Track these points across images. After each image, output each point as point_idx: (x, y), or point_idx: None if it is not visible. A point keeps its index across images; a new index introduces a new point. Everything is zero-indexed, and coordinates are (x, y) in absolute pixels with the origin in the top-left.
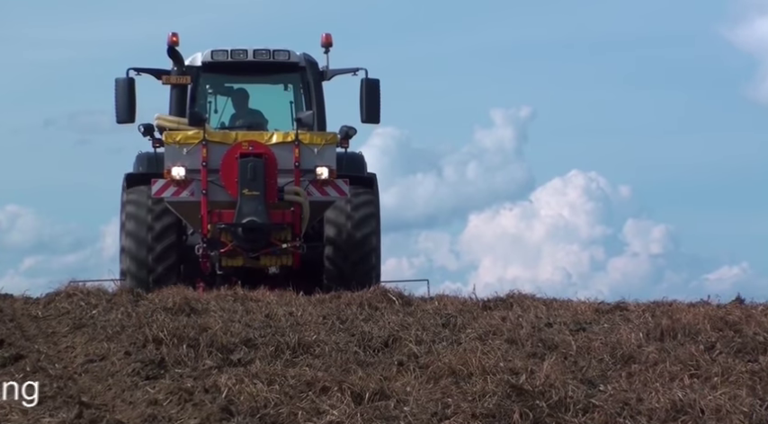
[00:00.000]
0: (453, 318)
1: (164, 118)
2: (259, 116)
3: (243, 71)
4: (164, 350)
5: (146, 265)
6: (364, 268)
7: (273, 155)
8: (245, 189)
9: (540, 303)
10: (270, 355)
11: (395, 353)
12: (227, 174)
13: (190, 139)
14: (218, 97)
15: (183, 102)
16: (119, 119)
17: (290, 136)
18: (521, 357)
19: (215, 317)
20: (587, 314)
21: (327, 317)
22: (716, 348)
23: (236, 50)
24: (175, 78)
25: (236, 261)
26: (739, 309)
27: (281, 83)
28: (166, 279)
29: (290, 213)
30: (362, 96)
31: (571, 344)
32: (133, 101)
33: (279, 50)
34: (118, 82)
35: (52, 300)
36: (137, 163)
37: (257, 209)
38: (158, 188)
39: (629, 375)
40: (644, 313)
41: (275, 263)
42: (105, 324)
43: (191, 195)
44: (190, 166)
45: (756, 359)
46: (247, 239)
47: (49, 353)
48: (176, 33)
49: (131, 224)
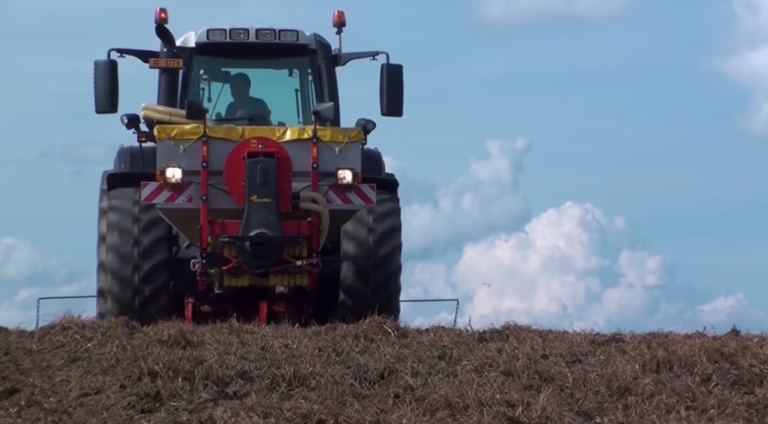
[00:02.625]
0: (449, 350)
1: (152, 108)
2: (262, 106)
3: (243, 54)
4: (159, 383)
5: (131, 285)
6: (388, 288)
7: (287, 155)
8: (254, 196)
9: (535, 334)
10: (266, 387)
11: (391, 385)
12: (233, 177)
13: (187, 135)
14: (214, 83)
15: (173, 89)
16: (98, 109)
17: (306, 132)
18: (517, 390)
19: (210, 350)
20: (583, 346)
21: (323, 349)
22: (712, 381)
23: (235, 30)
24: (165, 61)
25: (240, 281)
26: (735, 341)
27: (288, 68)
28: (154, 303)
29: (307, 224)
30: (383, 85)
31: (567, 376)
32: (115, 87)
33: (286, 30)
34: (98, 64)
35: (47, 333)
36: (118, 159)
37: (268, 220)
38: (149, 192)
39: (626, 408)
40: (640, 344)
41: (287, 283)
42: (100, 357)
43: (188, 201)
44: (187, 167)
45: (753, 391)
46: (256, 255)
47: (44, 387)
48: (165, 9)
49: (113, 235)
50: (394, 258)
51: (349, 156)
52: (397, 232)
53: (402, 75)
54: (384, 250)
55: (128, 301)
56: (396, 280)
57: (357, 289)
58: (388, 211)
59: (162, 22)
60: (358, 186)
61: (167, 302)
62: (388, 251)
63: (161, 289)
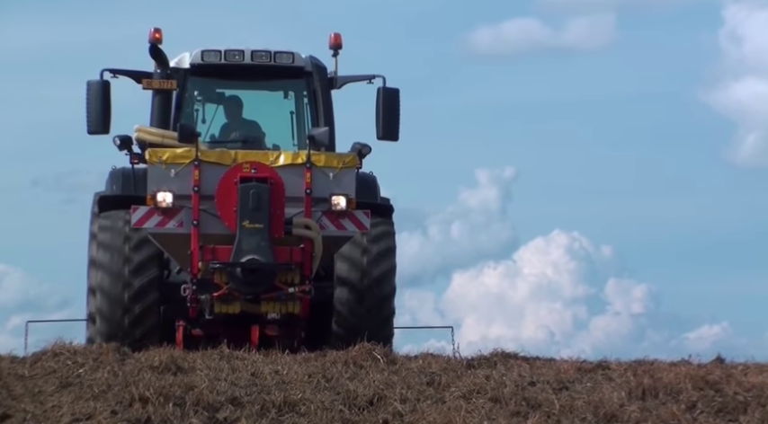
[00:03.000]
0: (438, 376)
1: (145, 130)
2: (255, 128)
3: (238, 75)
4: (150, 409)
5: (121, 304)
6: (382, 314)
7: (281, 180)
8: (246, 221)
9: (523, 361)
10: (256, 413)
11: (380, 412)
12: (224, 202)
13: (179, 158)
14: (208, 105)
15: (166, 111)
16: (90, 130)
17: (300, 157)
18: (504, 416)
19: (201, 376)
20: (570, 373)
21: (313, 375)
22: (697, 408)
23: (230, 51)
24: (158, 82)
25: (231, 308)
26: (720, 368)
27: (283, 90)
28: (144, 322)
29: (300, 250)
30: (379, 108)
31: (554, 403)
32: (108, 108)
33: (281, 52)
34: (90, 85)
35: (39, 359)
36: (110, 181)
37: (260, 246)
38: (139, 216)
39: None
40: (626, 372)
41: (279, 310)
42: (92, 383)
43: (179, 226)
44: (178, 191)
45: (737, 419)
46: (247, 282)
47: (36, 412)
48: (159, 29)
49: (104, 254)
50: (388, 279)
51: (343, 182)
52: (391, 253)
53: (399, 99)
54: (378, 271)
55: (117, 320)
56: (390, 302)
57: (351, 310)
58: (383, 233)
59: (156, 42)
60: (352, 212)
61: (157, 321)
62: (382, 272)
63: (151, 307)
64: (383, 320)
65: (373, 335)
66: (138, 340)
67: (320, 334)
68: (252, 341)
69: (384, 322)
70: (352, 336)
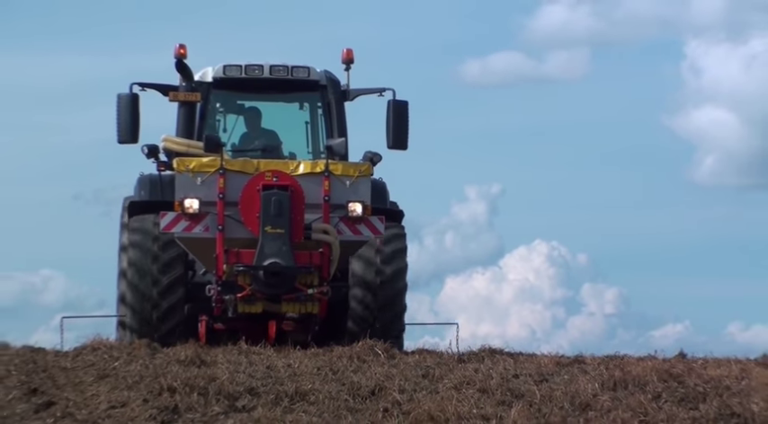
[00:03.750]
0: (432, 370)
1: (171, 139)
2: (274, 137)
3: (257, 88)
4: (177, 398)
5: (150, 299)
6: (394, 309)
7: (300, 188)
8: (268, 227)
9: (508, 356)
10: (270, 402)
11: (380, 401)
12: (248, 208)
13: (205, 167)
14: (229, 116)
15: (191, 121)
16: (120, 139)
17: (318, 166)
18: (491, 405)
19: (222, 368)
20: (549, 367)
21: (321, 368)
22: (662, 398)
23: (250, 66)
24: (184, 95)
25: (254, 307)
26: (682, 362)
27: (299, 102)
28: (171, 317)
29: (318, 254)
30: (389, 120)
31: (535, 393)
32: (137, 119)
33: (298, 67)
34: (120, 98)
35: (79, 353)
36: (138, 186)
37: (281, 250)
38: (168, 221)
39: (587, 421)
40: (599, 365)
41: (298, 310)
42: (126, 375)
43: (205, 230)
44: (204, 198)
45: (697, 407)
46: (269, 283)
47: (77, 400)
48: (184, 45)
49: (135, 254)
50: (400, 277)
51: (359, 190)
52: (402, 253)
53: (408, 111)
54: (391, 269)
55: (147, 315)
56: (402, 298)
57: (366, 306)
58: (394, 235)
59: (181, 57)
60: (367, 218)
61: (183, 316)
62: (394, 270)
63: (177, 303)
64: (396, 315)
65: (386, 329)
66: (165, 334)
67: (334, 331)
68: (269, 336)
69: (396, 317)
70: (366, 330)
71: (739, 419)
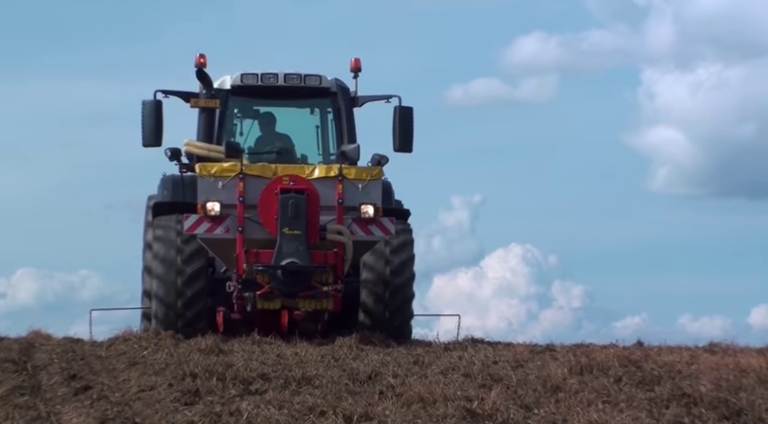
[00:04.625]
0: (422, 357)
1: (193, 144)
2: (287, 141)
3: (272, 95)
4: (198, 382)
5: (174, 289)
6: (402, 295)
7: (316, 191)
8: (286, 228)
9: (488, 345)
10: (280, 386)
11: (377, 384)
12: (266, 211)
13: (226, 172)
14: (245, 120)
15: (210, 126)
16: (145, 143)
17: (333, 170)
18: (473, 388)
19: (238, 356)
20: (524, 354)
21: (324, 356)
22: (622, 381)
23: (266, 74)
24: (204, 101)
25: (272, 304)
26: (639, 350)
27: (311, 108)
28: (194, 305)
29: (333, 254)
30: (395, 124)
31: (512, 377)
32: (160, 124)
33: (310, 75)
34: (145, 104)
35: (112, 343)
36: (161, 187)
37: (298, 250)
38: (191, 223)
39: (557, 402)
40: (568, 353)
41: (314, 307)
42: (153, 362)
43: (225, 232)
44: (225, 201)
45: (653, 389)
46: (287, 282)
47: (110, 384)
48: (204, 55)
49: (161, 248)
50: (408, 267)
51: (371, 193)
52: (409, 246)
53: (413, 116)
54: (399, 259)
55: (172, 302)
56: (410, 286)
57: (376, 293)
58: (401, 230)
59: (201, 66)
60: (379, 219)
61: (205, 305)
62: (402, 260)
63: (200, 292)
64: (404, 301)
65: (395, 315)
66: (189, 320)
67: (346, 321)
68: (282, 325)
69: (405, 304)
70: (378, 312)
71: (689, 398)
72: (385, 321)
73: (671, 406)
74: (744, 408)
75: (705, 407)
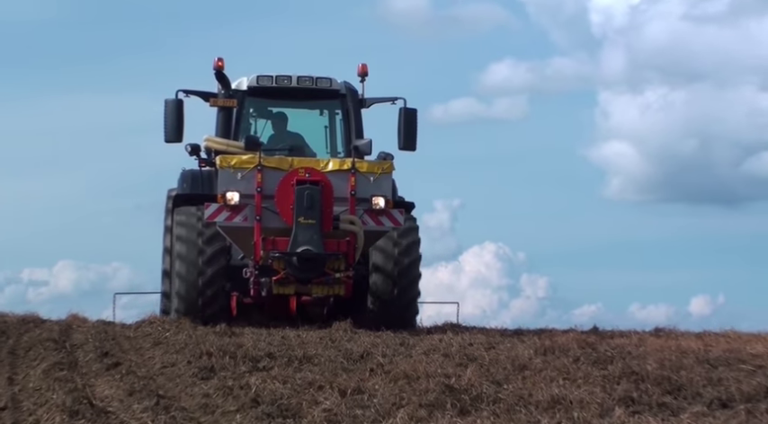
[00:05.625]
0: (407, 339)
1: (212, 139)
2: (299, 138)
3: (286, 96)
4: (213, 360)
5: (196, 267)
6: (411, 282)
7: (330, 183)
8: (301, 218)
9: (465, 329)
10: (284, 364)
11: (368, 363)
12: (283, 201)
13: (245, 164)
14: (260, 119)
15: (228, 124)
16: (167, 139)
17: (346, 164)
18: (452, 366)
19: (247, 337)
20: (496, 337)
21: (323, 338)
22: (580, 360)
23: (280, 76)
24: (222, 101)
25: (287, 289)
26: (595, 334)
27: (322, 108)
28: (214, 284)
29: (345, 242)
30: (400, 124)
31: (485, 357)
32: (181, 121)
33: (321, 78)
34: (167, 103)
35: (140, 326)
36: (181, 180)
37: (313, 238)
38: (211, 212)
39: (524, 378)
40: (533, 336)
41: (327, 292)
42: (174, 342)
43: (244, 220)
44: (244, 191)
45: (606, 368)
46: (302, 268)
47: (137, 361)
48: (222, 58)
49: (182, 230)
50: (415, 264)
51: (382, 185)
52: (414, 231)
53: (416, 117)
54: (406, 241)
55: (193, 281)
56: (416, 266)
57: (385, 271)
58: (407, 218)
59: (219, 68)
60: (389, 211)
61: (225, 285)
62: (408, 242)
63: (219, 272)
64: (412, 279)
65: (403, 312)
66: (208, 299)
67: (350, 308)
68: (291, 309)
69: (413, 282)
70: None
71: (637, 376)
72: (394, 299)
73: (621, 382)
74: (684, 384)
75: (651, 383)
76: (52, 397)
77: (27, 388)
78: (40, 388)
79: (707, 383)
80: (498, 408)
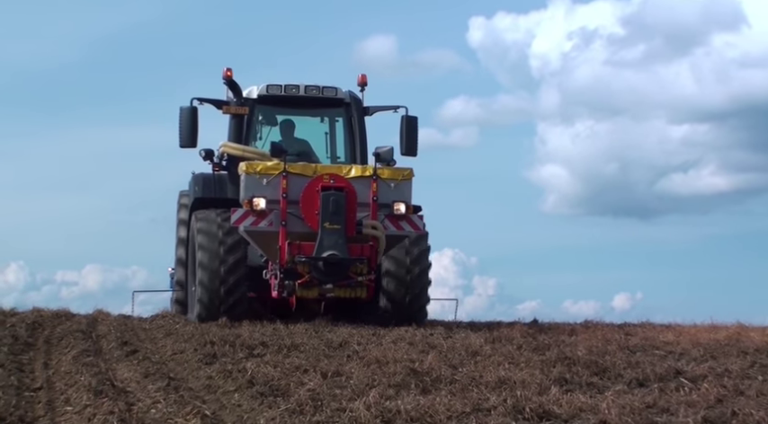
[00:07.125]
0: (378, 330)
1: (229, 145)
2: (306, 144)
3: (293, 104)
4: (215, 348)
5: (218, 257)
6: (422, 290)
7: (353, 189)
8: (327, 223)
9: (427, 322)
10: (275, 351)
11: (345, 350)
12: (308, 206)
13: (270, 170)
14: (269, 126)
15: (239, 130)
16: (182, 144)
17: (368, 170)
18: (416, 352)
19: (244, 329)
20: (453, 329)
21: (308, 329)
22: (523, 348)
23: (289, 85)
24: (234, 108)
25: (311, 292)
26: (535, 326)
27: (328, 116)
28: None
29: (368, 247)
30: (402, 131)
31: (444, 345)
32: (195, 127)
33: (327, 87)
34: (182, 110)
35: (154, 319)
36: (193, 183)
37: (338, 243)
38: (237, 217)
39: (476, 362)
40: (484, 328)
41: (349, 295)
42: (183, 333)
43: (269, 225)
44: (270, 197)
45: (544, 354)
46: (327, 272)
47: (151, 349)
48: (230, 68)
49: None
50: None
51: (403, 191)
52: (426, 253)
53: (417, 124)
54: (418, 268)
55: (216, 289)
56: (426, 257)
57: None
58: (420, 237)
59: (228, 78)
60: (409, 216)
61: (246, 291)
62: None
63: (240, 280)
64: (423, 286)
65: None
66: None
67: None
68: (291, 304)
69: (423, 289)
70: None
71: (570, 360)
72: (405, 305)
73: (557, 366)
74: (608, 367)
75: (581, 366)
76: (80, 379)
77: (59, 371)
78: (70, 371)
79: (627, 366)
80: (454, 387)
